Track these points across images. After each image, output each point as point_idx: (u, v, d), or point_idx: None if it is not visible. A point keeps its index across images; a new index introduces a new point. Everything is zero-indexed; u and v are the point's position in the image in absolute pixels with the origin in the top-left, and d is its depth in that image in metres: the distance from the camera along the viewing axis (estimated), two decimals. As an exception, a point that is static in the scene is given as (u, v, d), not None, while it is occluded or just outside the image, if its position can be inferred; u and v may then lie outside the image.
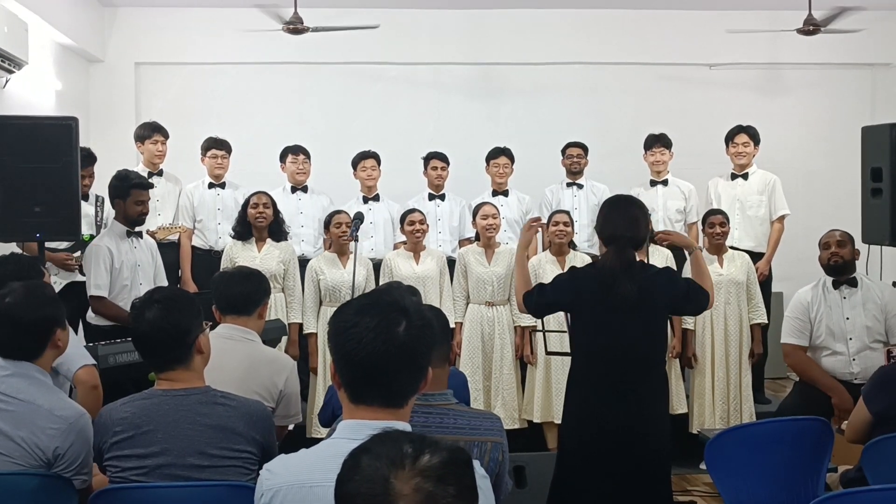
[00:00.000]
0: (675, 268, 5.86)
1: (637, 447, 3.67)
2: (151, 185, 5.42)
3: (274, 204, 6.00)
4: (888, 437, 3.37)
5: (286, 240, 6.07)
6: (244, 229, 5.95)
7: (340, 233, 5.83)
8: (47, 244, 5.36)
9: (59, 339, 2.94)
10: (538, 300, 3.90)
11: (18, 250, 5.06)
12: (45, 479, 2.72)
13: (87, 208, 5.89)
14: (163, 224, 6.25)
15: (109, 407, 2.78)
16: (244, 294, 3.47)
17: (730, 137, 6.80)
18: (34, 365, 2.88)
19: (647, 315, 3.74)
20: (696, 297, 3.83)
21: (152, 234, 5.87)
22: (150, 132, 6.57)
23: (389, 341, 1.91)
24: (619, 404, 3.68)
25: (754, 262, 6.23)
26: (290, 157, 6.75)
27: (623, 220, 3.79)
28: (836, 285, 5.05)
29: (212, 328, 3.31)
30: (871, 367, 4.51)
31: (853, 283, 5.04)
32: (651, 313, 3.78)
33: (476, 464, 2.01)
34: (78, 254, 5.61)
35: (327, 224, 6.00)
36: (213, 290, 3.53)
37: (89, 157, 5.99)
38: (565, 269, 5.58)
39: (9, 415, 2.77)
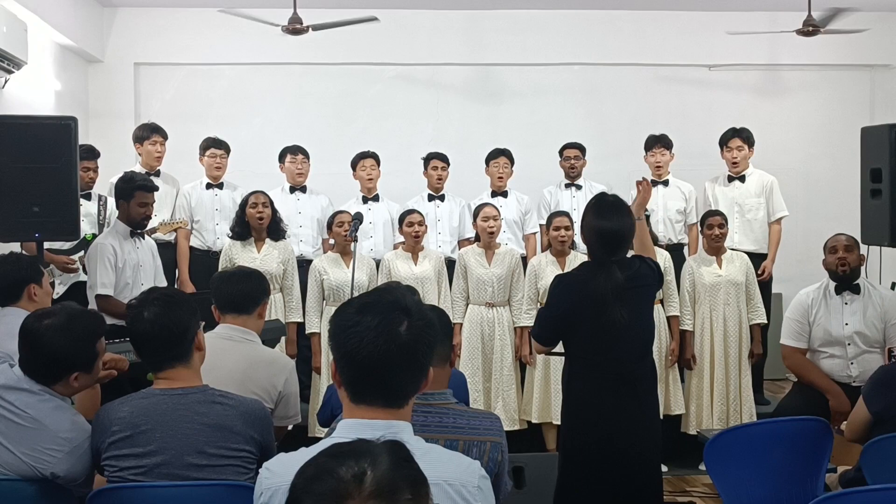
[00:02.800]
0: (672, 269, 5.87)
1: (632, 440, 3.66)
2: (156, 188, 5.33)
3: (272, 203, 6.00)
4: (887, 437, 3.37)
5: (284, 238, 6.07)
6: (243, 229, 5.94)
7: (343, 231, 5.83)
8: (50, 245, 5.35)
9: (75, 380, 2.84)
10: (544, 336, 3.89)
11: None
12: (43, 484, 2.72)
13: (89, 207, 5.88)
14: (163, 220, 6.23)
15: (107, 406, 2.77)
16: (244, 292, 3.46)
17: (723, 141, 6.72)
18: (48, 389, 2.82)
19: (637, 315, 3.73)
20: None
21: (153, 231, 5.82)
22: (149, 133, 6.55)
23: (391, 340, 1.90)
24: (615, 396, 3.67)
25: (756, 265, 6.22)
26: (288, 158, 6.74)
27: (613, 241, 3.69)
28: (838, 290, 5.01)
29: (209, 328, 3.31)
30: (871, 370, 4.45)
31: (856, 290, 4.99)
32: (643, 309, 3.79)
33: (477, 464, 2.01)
34: (82, 253, 5.60)
35: (330, 224, 6.02)
36: (212, 288, 3.52)
37: (92, 152, 6.01)
38: (565, 270, 5.59)
39: (13, 427, 2.74)
